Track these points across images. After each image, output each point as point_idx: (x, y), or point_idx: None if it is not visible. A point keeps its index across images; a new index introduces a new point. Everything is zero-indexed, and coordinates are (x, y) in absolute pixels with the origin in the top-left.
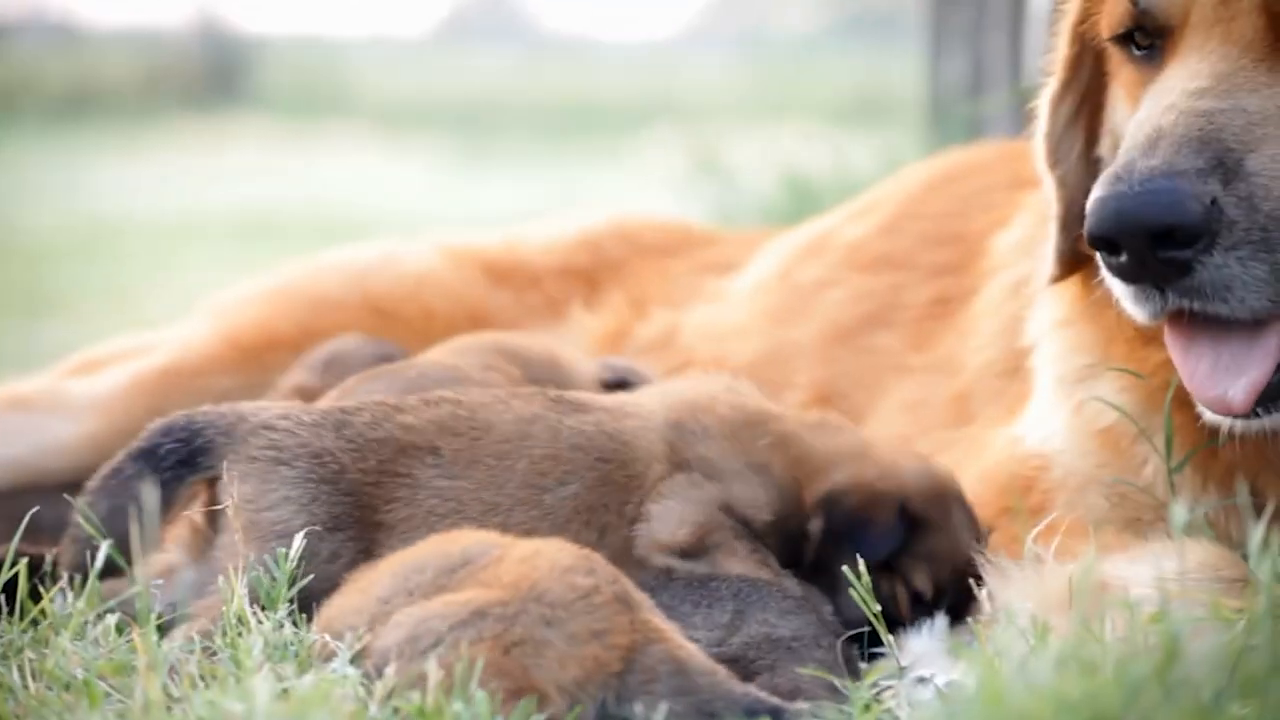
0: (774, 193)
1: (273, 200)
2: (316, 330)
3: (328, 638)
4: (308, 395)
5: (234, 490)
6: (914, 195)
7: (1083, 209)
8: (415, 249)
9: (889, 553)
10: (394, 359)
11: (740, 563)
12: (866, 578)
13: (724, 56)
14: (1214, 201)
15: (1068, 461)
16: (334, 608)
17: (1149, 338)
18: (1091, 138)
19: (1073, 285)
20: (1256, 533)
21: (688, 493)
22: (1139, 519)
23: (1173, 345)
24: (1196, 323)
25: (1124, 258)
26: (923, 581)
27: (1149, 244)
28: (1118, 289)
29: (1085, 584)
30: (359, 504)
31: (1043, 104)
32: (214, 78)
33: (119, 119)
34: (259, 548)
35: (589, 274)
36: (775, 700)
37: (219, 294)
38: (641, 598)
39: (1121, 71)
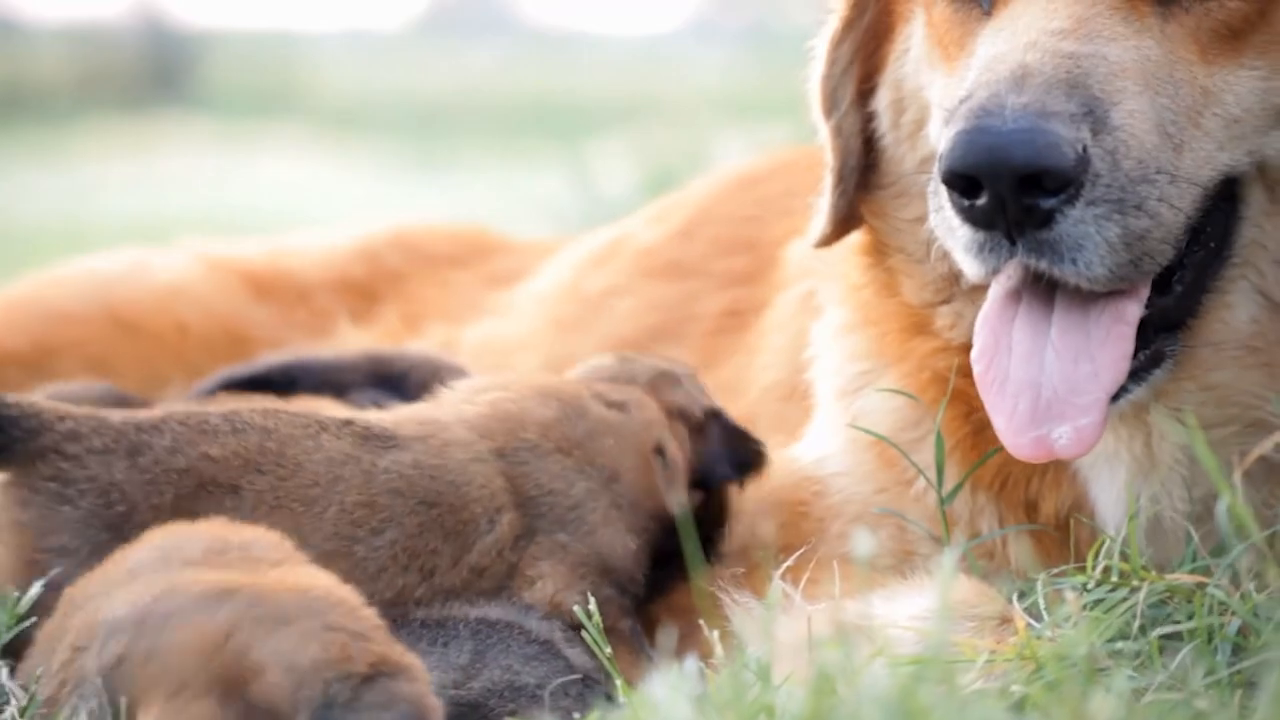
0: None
1: (200, 208)
2: (53, 346)
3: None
4: None
5: (12, 513)
6: (713, 198)
7: (859, 161)
8: (169, 258)
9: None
10: (128, 401)
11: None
12: (598, 617)
13: (726, 52)
14: (1084, 150)
15: (845, 486)
16: (84, 579)
17: (920, 327)
18: (865, 86)
19: (855, 276)
20: (947, 558)
21: (560, 560)
22: (914, 552)
23: (987, 382)
24: (1024, 343)
25: (983, 200)
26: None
27: (1015, 187)
28: (960, 237)
29: (829, 625)
30: None
31: (821, 45)
32: (155, 75)
33: (51, 119)
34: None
35: (365, 287)
36: None
37: None
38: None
39: (934, 8)
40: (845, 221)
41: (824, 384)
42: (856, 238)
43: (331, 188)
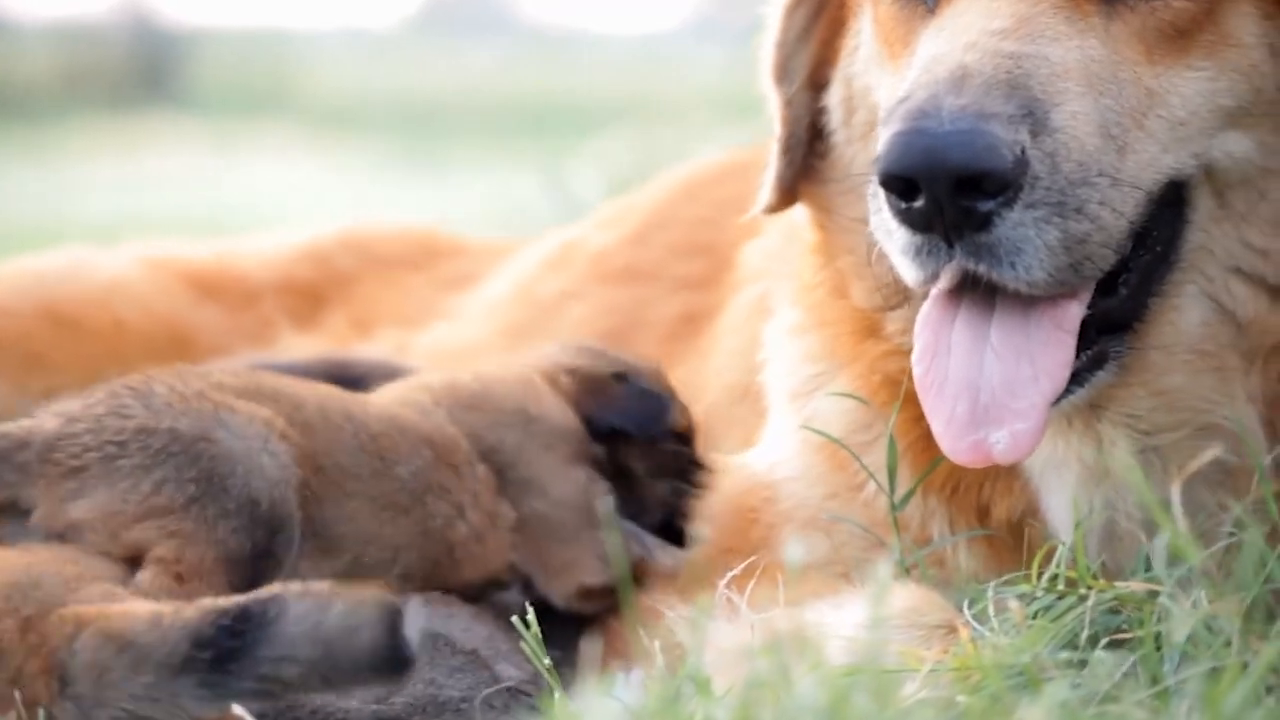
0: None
1: (188, 209)
2: None
3: None
4: None
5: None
6: (667, 201)
7: (807, 133)
8: (110, 257)
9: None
10: None
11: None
12: (536, 628)
13: (726, 51)
14: (1023, 152)
15: (797, 491)
16: None
17: (872, 330)
18: (818, 75)
19: (808, 276)
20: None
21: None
22: (866, 558)
23: (926, 385)
24: (962, 348)
25: (920, 202)
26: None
27: (952, 189)
28: (898, 240)
29: (768, 634)
30: None
31: (775, 9)
32: (144, 74)
33: (38, 117)
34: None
35: (314, 289)
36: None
37: None
38: (79, 578)
39: (879, 5)
40: (791, 191)
41: (776, 386)
42: (809, 236)
43: (323, 189)
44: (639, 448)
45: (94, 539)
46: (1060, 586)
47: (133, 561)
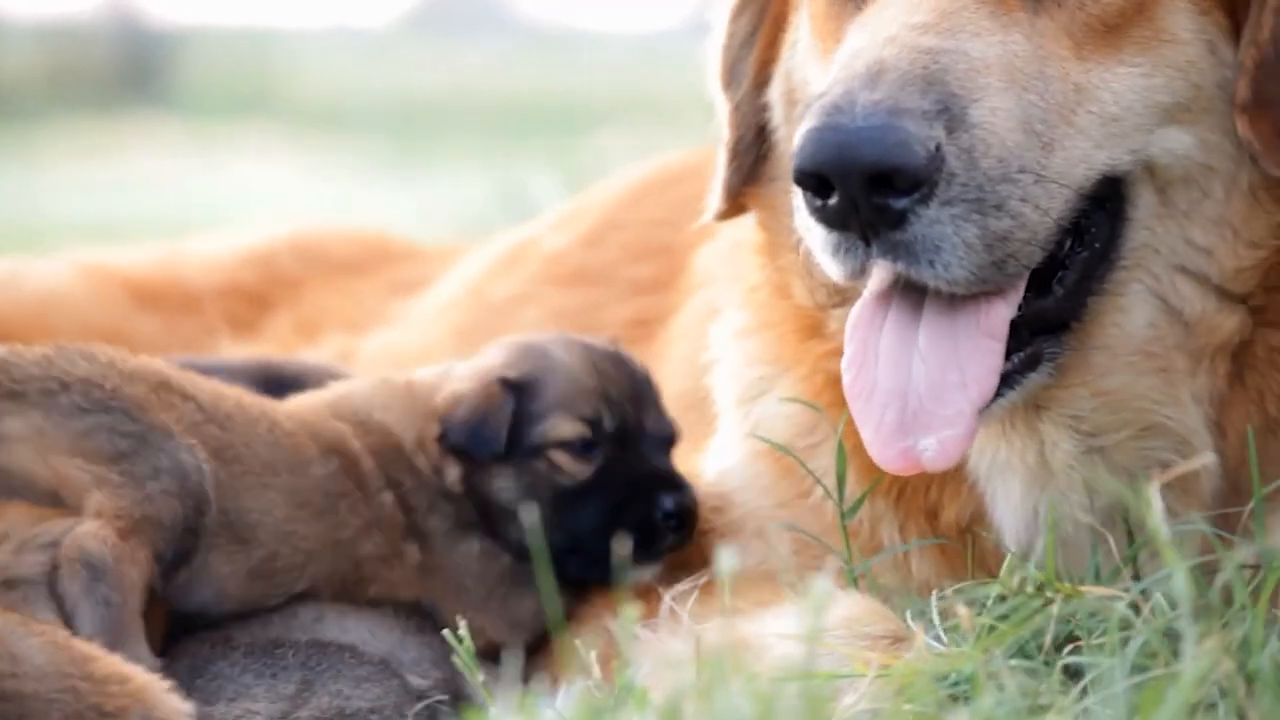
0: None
1: (172, 212)
2: None
3: None
4: None
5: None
6: (623, 202)
7: (755, 137)
8: (45, 267)
9: (506, 425)
10: None
11: None
12: (469, 642)
13: None
14: (938, 148)
15: (745, 501)
16: None
17: (814, 329)
18: (763, 68)
19: (753, 277)
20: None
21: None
22: (813, 567)
23: (855, 392)
24: (889, 354)
25: (834, 200)
26: (570, 428)
27: (864, 186)
28: (817, 237)
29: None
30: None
31: (721, 14)
32: (129, 74)
33: (21, 118)
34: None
35: (260, 295)
36: None
37: None
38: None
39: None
40: (740, 198)
41: (723, 390)
42: (753, 237)
43: (309, 191)
44: (499, 466)
45: (22, 454)
46: (1029, 590)
47: (54, 500)
